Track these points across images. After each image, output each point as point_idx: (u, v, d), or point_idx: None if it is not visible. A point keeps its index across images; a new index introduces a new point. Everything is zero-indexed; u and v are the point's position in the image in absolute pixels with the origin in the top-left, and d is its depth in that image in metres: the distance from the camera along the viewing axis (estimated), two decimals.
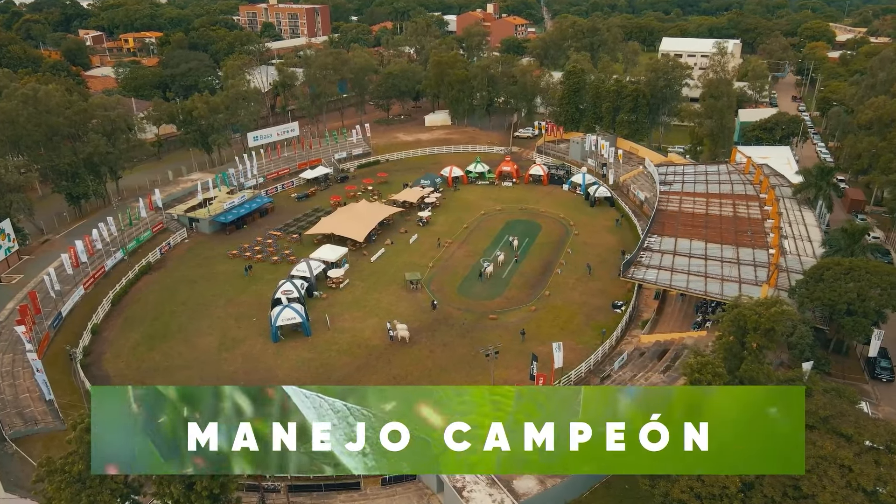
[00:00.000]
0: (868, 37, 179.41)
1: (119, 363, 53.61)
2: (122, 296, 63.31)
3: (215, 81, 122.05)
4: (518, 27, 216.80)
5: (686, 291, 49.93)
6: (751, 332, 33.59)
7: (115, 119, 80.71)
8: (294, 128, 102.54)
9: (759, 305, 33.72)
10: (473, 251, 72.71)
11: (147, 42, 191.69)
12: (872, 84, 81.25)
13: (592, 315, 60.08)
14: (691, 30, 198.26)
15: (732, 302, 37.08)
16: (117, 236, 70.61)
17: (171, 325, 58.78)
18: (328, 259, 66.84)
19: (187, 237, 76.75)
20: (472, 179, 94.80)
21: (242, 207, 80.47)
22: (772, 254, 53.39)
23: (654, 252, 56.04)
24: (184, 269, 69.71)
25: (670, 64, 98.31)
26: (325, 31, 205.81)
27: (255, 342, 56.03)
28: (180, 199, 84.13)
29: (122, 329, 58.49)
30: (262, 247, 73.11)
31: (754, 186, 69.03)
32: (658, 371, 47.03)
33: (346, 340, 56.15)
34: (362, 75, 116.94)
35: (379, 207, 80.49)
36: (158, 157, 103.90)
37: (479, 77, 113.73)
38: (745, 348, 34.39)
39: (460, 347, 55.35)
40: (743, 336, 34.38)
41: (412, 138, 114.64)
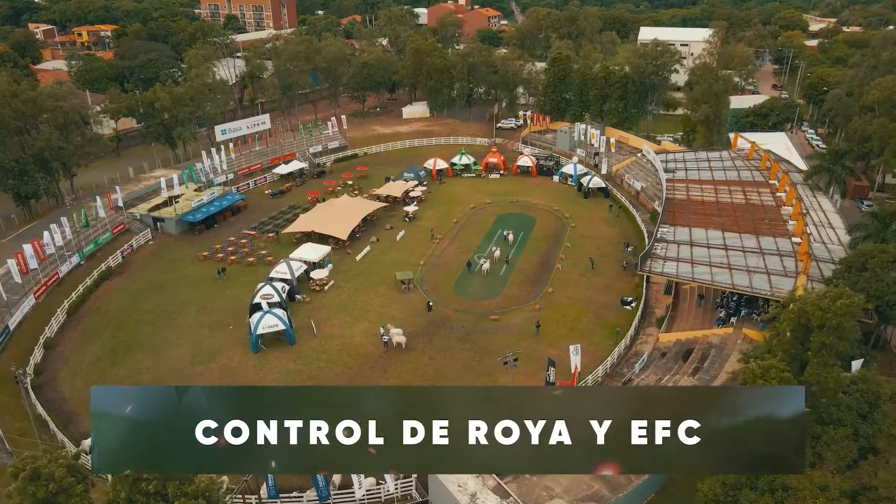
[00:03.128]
0: (840, 26, 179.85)
1: (77, 382, 47.17)
2: (79, 305, 56.70)
3: (178, 73, 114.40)
4: (491, 18, 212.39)
5: (712, 285, 45.79)
6: (816, 330, 29.26)
7: (67, 111, 73.47)
8: (265, 120, 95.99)
9: (822, 298, 29.39)
10: (466, 247, 67.72)
11: (102, 35, 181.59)
12: (874, 65, 78.65)
13: (601, 313, 55.66)
14: (664, 21, 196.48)
15: (789, 296, 32.78)
16: (72, 239, 63.68)
17: (137, 337, 52.45)
18: (310, 259, 61.12)
19: (152, 238, 70.13)
20: (457, 172, 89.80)
21: (212, 205, 74.04)
22: (797, 242, 49.65)
23: (669, 243, 51.82)
24: (149, 273, 63.18)
25: (659, 49, 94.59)
26: (291, 24, 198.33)
27: (232, 353, 50.09)
28: (143, 198, 77.25)
29: (80, 342, 51.96)
30: (235, 247, 66.99)
31: (762, 173, 65.52)
32: (686, 374, 42.68)
33: (335, 348, 50.61)
34: (336, 65, 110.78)
35: (361, 203, 74.92)
36: (117, 153, 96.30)
37: (459, 66, 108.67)
38: (806, 349, 30.09)
39: (462, 352, 50.34)
40: (805, 335, 30.05)
41: (390, 131, 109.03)
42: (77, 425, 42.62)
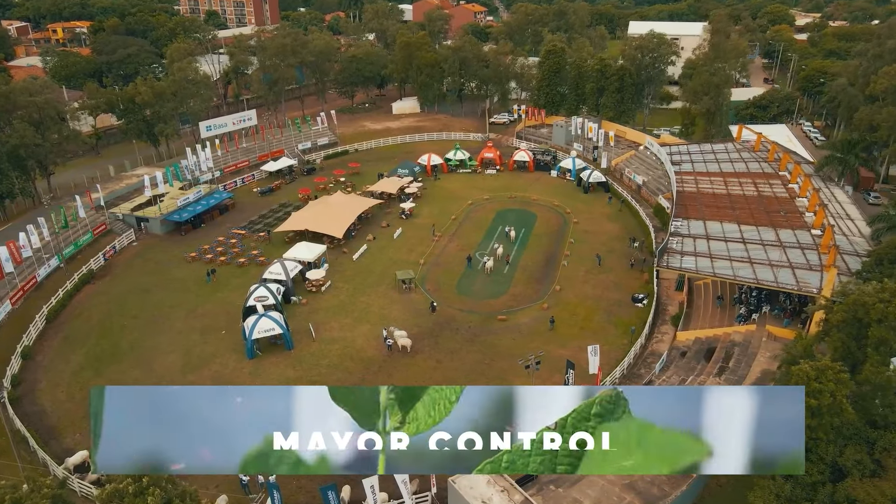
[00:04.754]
0: (826, 21, 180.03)
1: (58, 394, 43.80)
2: (59, 311, 53.14)
3: (159, 69, 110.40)
4: (477, 14, 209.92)
5: (735, 280, 43.56)
6: (874, 325, 27.08)
7: (42, 106, 69.62)
8: (251, 116, 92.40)
9: (882, 291, 27.23)
10: (466, 245, 65.03)
11: (78, 32, 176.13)
12: (879, 53, 77.26)
13: (613, 311, 53.33)
14: (651, 16, 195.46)
15: (842, 289, 30.60)
16: (51, 241, 60.04)
17: (122, 344, 49.09)
18: (305, 259, 58.06)
19: (136, 239, 66.55)
20: (452, 168, 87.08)
21: (199, 204, 70.60)
22: (816, 234, 47.73)
23: (685, 237, 49.57)
24: (134, 276, 59.68)
25: (656, 41, 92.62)
26: (273, 20, 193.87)
27: (226, 360, 46.96)
28: (125, 197, 73.56)
29: (61, 351, 48.48)
30: (225, 248, 63.67)
31: (770, 164, 63.67)
32: (711, 374, 40.43)
33: (336, 353, 47.68)
34: (323, 59, 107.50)
35: (356, 200, 71.92)
36: (97, 151, 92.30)
37: (451, 60, 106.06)
38: (860, 346, 27.94)
39: (470, 354, 47.69)
40: (860, 330, 27.88)
41: (381, 127, 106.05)
42: (60, 441, 39.34)
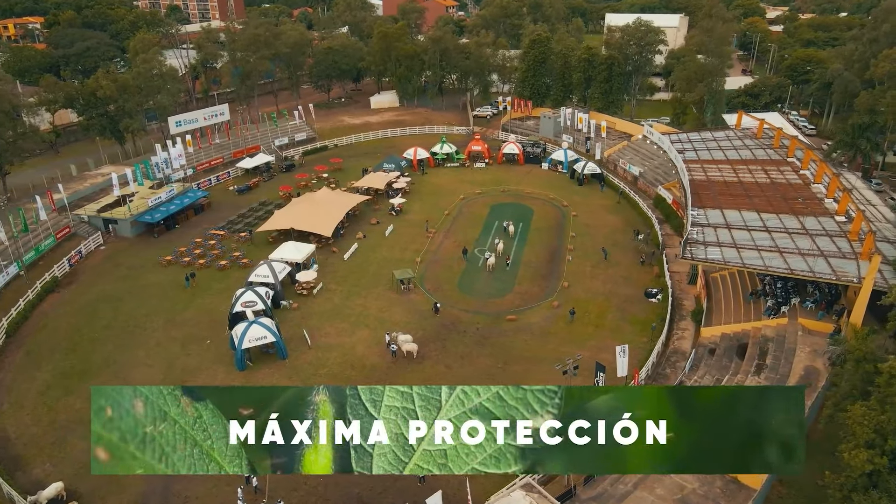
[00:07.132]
0: (796, 13, 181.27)
1: (23, 417, 38.80)
2: (20, 323, 47.83)
3: (121, 63, 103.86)
4: (449, 8, 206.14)
5: (766, 271, 40.76)
6: None
7: None
8: (224, 111, 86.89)
9: None
10: (463, 241, 61.26)
11: (31, 28, 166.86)
12: (875, 38, 76.08)
13: (626, 307, 50.31)
14: (623, 10, 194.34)
15: None
16: (9, 246, 54.49)
17: (94, 359, 44.15)
18: (294, 259, 53.68)
19: (103, 243, 61.18)
20: (439, 162, 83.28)
21: (172, 203, 65.49)
22: (841, 221, 45.41)
23: (705, 227, 46.74)
24: (103, 283, 54.47)
25: (643, 28, 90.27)
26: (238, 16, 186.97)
27: (213, 372, 42.45)
28: (90, 198, 67.97)
29: (25, 368, 43.33)
30: (203, 249, 58.82)
31: (777, 151, 61.49)
32: (749, 373, 37.53)
33: (335, 361, 43.57)
34: (298, 51, 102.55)
35: (343, 196, 67.67)
36: (55, 149, 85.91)
37: (431, 51, 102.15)
38: None
39: (482, 358, 44.09)
40: None
41: (360, 121, 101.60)
42: (27, 473, 34.43)
